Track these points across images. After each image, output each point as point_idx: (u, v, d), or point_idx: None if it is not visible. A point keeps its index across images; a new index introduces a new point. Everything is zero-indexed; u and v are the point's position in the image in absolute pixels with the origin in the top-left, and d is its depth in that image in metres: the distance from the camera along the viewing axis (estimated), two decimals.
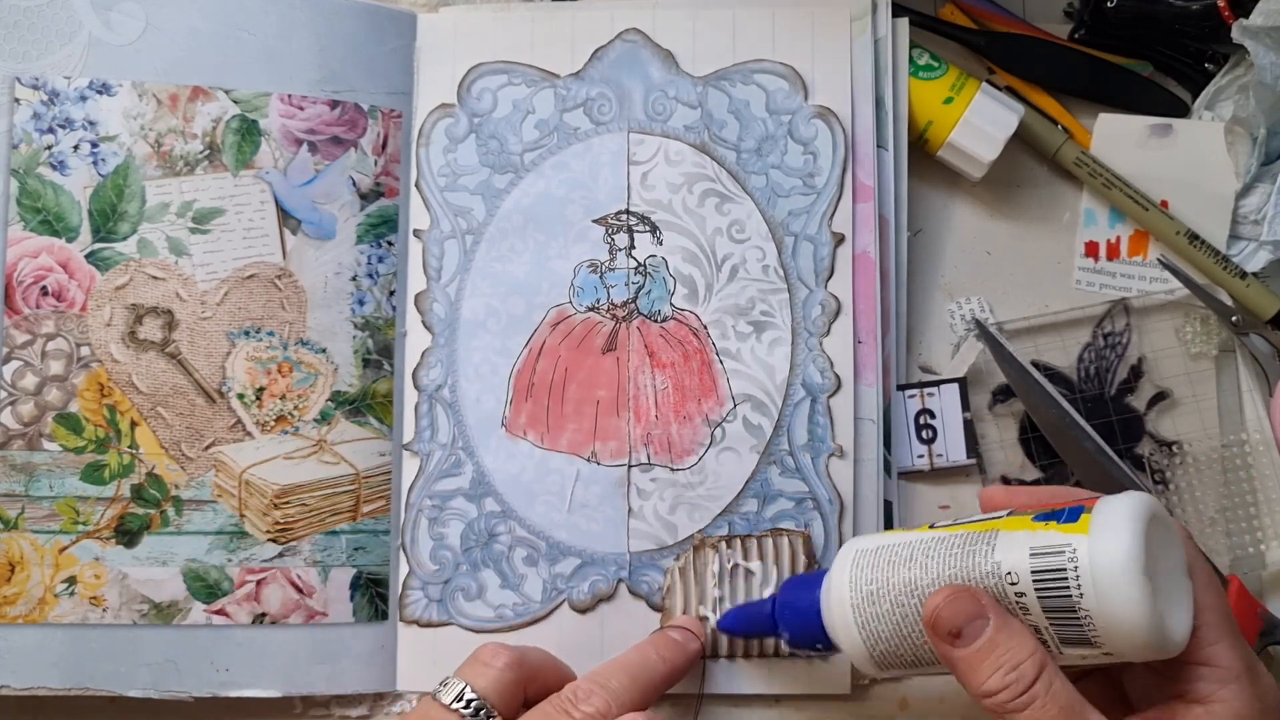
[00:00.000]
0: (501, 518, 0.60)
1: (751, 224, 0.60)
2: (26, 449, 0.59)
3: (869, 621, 0.49)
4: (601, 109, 0.62)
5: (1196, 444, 0.61)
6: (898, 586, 0.48)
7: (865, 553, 0.50)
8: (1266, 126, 0.61)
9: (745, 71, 0.61)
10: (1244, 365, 0.62)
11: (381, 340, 0.61)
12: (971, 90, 0.61)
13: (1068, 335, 0.63)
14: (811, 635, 0.52)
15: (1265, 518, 0.60)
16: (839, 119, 0.60)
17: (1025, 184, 0.65)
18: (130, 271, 0.60)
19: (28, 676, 0.58)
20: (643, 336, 0.61)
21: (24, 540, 0.58)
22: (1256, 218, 0.63)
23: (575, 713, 0.50)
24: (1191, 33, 0.64)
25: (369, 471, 0.61)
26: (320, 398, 0.60)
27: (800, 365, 0.60)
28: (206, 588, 0.59)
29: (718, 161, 0.61)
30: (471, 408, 0.61)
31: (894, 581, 0.48)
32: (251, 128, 0.60)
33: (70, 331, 0.59)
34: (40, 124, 0.59)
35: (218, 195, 0.60)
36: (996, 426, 0.62)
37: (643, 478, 0.60)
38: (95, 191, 0.59)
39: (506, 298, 0.61)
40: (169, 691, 0.58)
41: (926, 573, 0.47)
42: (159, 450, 0.59)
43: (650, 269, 0.61)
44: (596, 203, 0.61)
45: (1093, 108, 0.64)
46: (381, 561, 0.60)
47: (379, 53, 0.62)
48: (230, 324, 0.60)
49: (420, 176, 0.62)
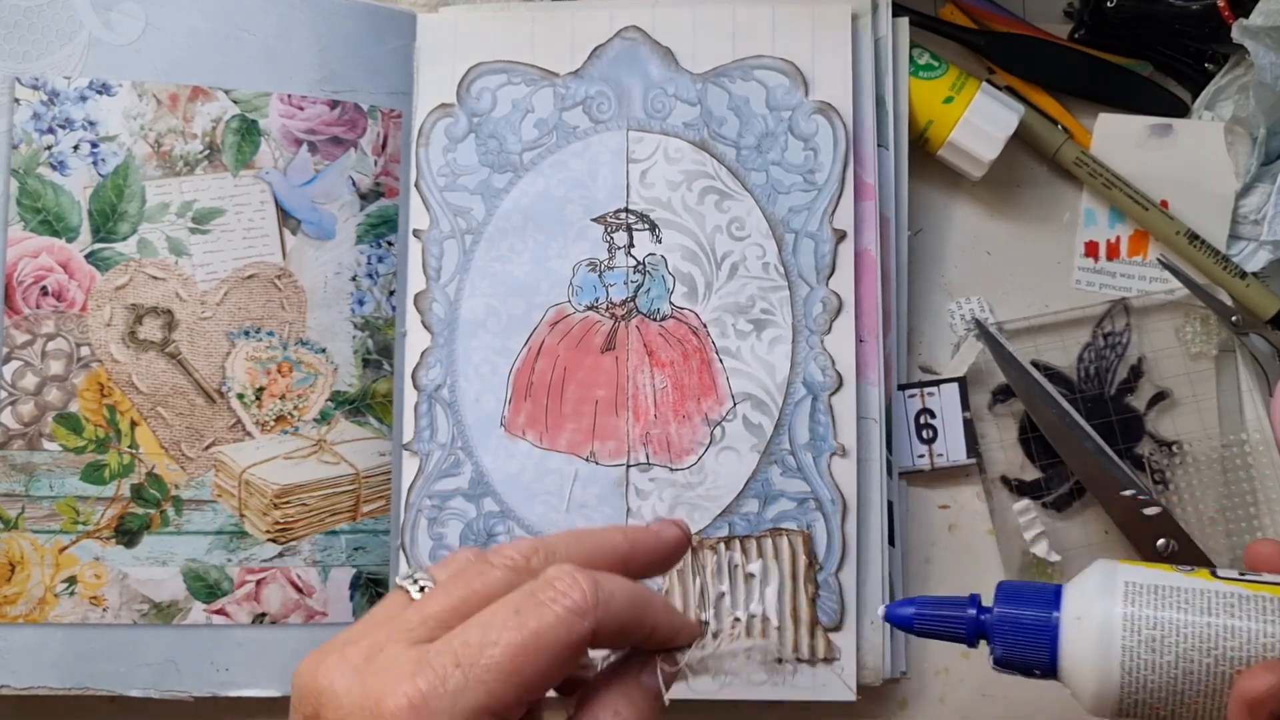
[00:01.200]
0: (500, 518, 0.60)
1: (751, 221, 0.60)
2: (27, 449, 0.59)
3: (1139, 669, 0.43)
4: (600, 107, 0.62)
5: (1196, 444, 0.61)
6: (1189, 639, 0.43)
7: (1141, 589, 0.44)
8: (1266, 126, 0.61)
9: (745, 68, 0.61)
10: (1244, 365, 0.62)
11: (381, 340, 0.61)
12: (971, 90, 0.61)
13: (1068, 335, 0.62)
14: (1035, 660, 0.46)
15: (1265, 517, 0.60)
16: (839, 114, 0.60)
17: (1025, 184, 0.65)
18: (130, 271, 0.60)
19: (28, 676, 0.58)
20: (642, 335, 0.61)
21: (24, 540, 0.58)
22: (1256, 217, 0.62)
23: (494, 559, 0.40)
24: (1191, 33, 0.63)
25: (369, 471, 0.61)
26: (320, 398, 0.60)
27: (801, 363, 0.59)
28: (206, 588, 0.59)
29: (717, 159, 0.61)
30: (471, 407, 0.61)
31: (1185, 633, 0.43)
32: (251, 128, 0.60)
33: (70, 331, 0.59)
34: (40, 124, 0.59)
35: (218, 195, 0.60)
36: (996, 426, 0.62)
37: (641, 478, 0.60)
38: (95, 191, 0.60)
39: (506, 297, 0.61)
40: (169, 691, 0.58)
41: (1234, 635, 0.42)
42: (159, 450, 0.59)
43: (649, 267, 0.61)
44: (595, 201, 0.61)
45: (1093, 108, 0.64)
46: (381, 561, 0.60)
47: (379, 53, 0.62)
48: (230, 324, 0.60)
49: (420, 176, 0.62)
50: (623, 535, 0.43)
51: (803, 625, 0.58)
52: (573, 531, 0.42)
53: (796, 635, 0.58)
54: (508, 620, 0.37)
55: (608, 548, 0.42)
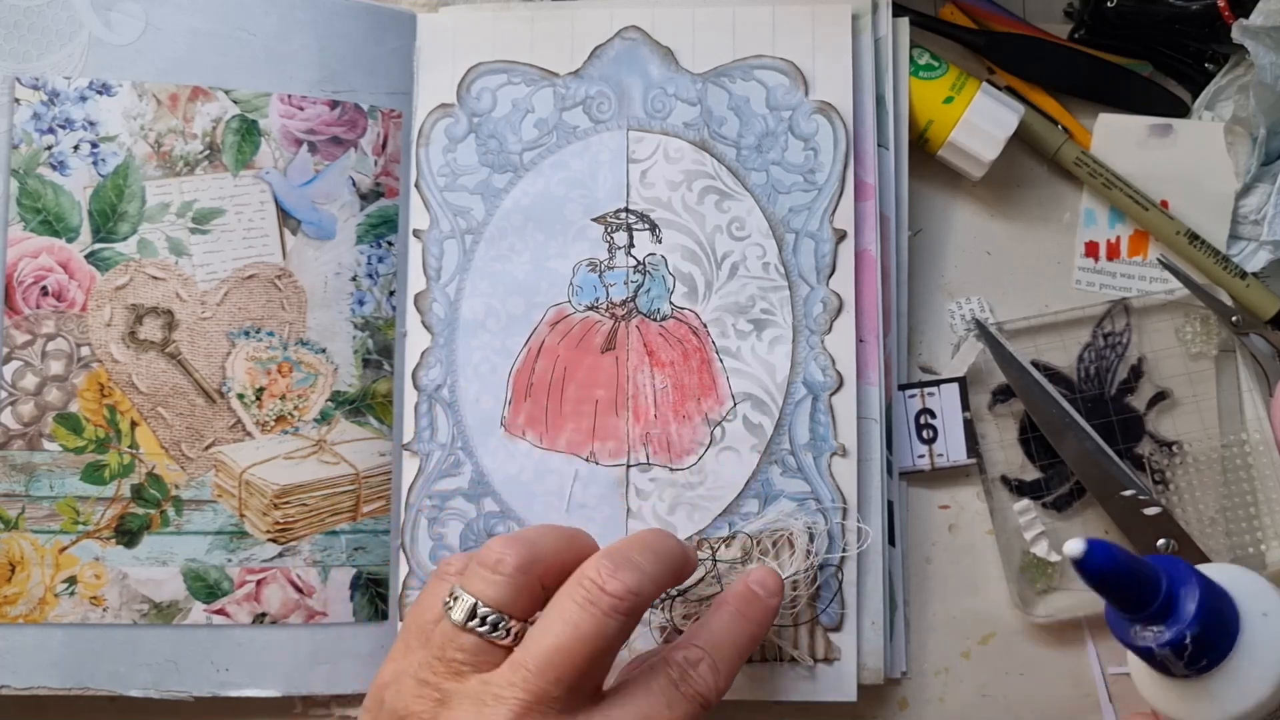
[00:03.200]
0: (500, 518, 0.60)
1: (751, 221, 0.60)
2: (27, 449, 0.59)
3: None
4: (601, 107, 0.62)
5: (1196, 444, 0.61)
6: None
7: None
8: (1266, 126, 0.61)
9: (745, 68, 0.61)
10: (1244, 365, 0.62)
11: (381, 340, 0.61)
12: (972, 90, 0.61)
13: (1068, 335, 0.62)
14: (1220, 649, 0.45)
15: (1265, 518, 0.60)
16: (840, 114, 0.60)
17: (1025, 184, 0.65)
18: (130, 272, 0.60)
19: (28, 676, 0.58)
20: (642, 335, 0.61)
21: (24, 540, 0.58)
22: (1256, 218, 0.62)
23: (605, 590, 0.45)
24: (1191, 33, 0.64)
25: (369, 471, 0.61)
26: (320, 398, 0.60)
27: (801, 363, 0.59)
28: (206, 588, 0.59)
29: (717, 158, 0.61)
30: (471, 407, 0.61)
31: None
32: (251, 128, 0.60)
33: (70, 331, 0.59)
34: (40, 124, 0.59)
35: (218, 195, 0.60)
36: (996, 426, 0.62)
37: (641, 478, 0.60)
38: (95, 192, 0.60)
39: (506, 297, 0.61)
40: (169, 691, 0.58)
41: None
42: (159, 450, 0.59)
43: (649, 267, 0.61)
44: (596, 201, 0.61)
45: (1093, 108, 0.64)
46: (381, 561, 0.60)
47: (379, 53, 0.62)
48: (230, 324, 0.60)
49: (420, 176, 0.62)
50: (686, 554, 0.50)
51: (803, 625, 0.58)
52: (648, 545, 0.48)
53: (796, 635, 0.58)
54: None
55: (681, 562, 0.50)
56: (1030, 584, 0.61)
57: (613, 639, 0.46)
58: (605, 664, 0.47)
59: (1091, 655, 0.60)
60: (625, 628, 0.46)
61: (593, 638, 0.45)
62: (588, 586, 0.45)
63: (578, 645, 0.45)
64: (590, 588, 0.45)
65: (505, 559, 0.47)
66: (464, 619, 0.46)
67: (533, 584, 0.47)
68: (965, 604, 0.61)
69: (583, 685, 0.45)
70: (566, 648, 0.44)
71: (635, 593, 0.45)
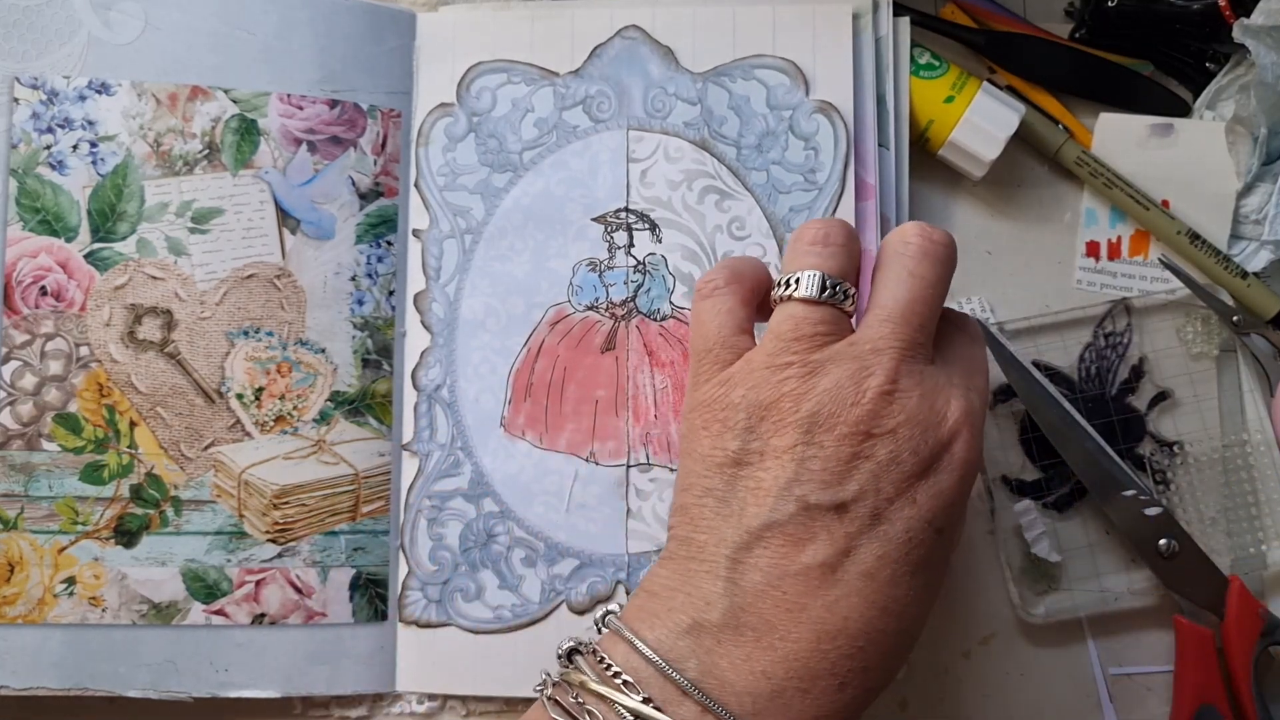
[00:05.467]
0: (500, 518, 0.60)
1: (752, 221, 0.60)
2: (26, 449, 0.59)
3: None
4: (601, 106, 0.62)
5: (1197, 444, 0.61)
6: None
7: None
8: (1267, 126, 0.61)
9: (745, 67, 0.61)
10: (1245, 365, 0.61)
11: (381, 340, 0.61)
12: (972, 89, 0.61)
13: (1068, 335, 0.62)
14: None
15: (1266, 518, 0.60)
16: (840, 114, 0.60)
17: (1026, 183, 0.65)
18: (129, 271, 0.60)
19: (27, 676, 0.58)
20: (642, 335, 0.60)
21: (23, 540, 0.58)
22: (1257, 217, 0.62)
23: (933, 239, 0.49)
24: (1192, 32, 0.63)
25: (368, 471, 0.60)
26: (319, 398, 0.60)
27: None
28: (206, 588, 0.59)
29: (717, 158, 0.61)
30: (470, 407, 0.61)
31: None
32: (251, 127, 0.60)
33: (69, 331, 0.59)
34: (39, 124, 0.59)
35: (217, 195, 0.60)
36: (996, 426, 0.62)
37: (641, 478, 0.60)
38: (94, 191, 0.59)
39: (505, 297, 0.61)
40: (168, 692, 0.58)
41: None
42: (158, 450, 0.59)
43: (649, 267, 0.61)
44: (596, 201, 0.61)
45: (1093, 107, 0.64)
46: (381, 562, 0.60)
47: (378, 52, 0.62)
48: (229, 324, 0.60)
49: (419, 176, 0.62)
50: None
51: None
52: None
53: None
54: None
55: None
56: (1031, 584, 0.60)
57: (946, 286, 0.50)
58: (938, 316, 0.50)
59: (1092, 655, 0.60)
60: (951, 275, 0.50)
61: (935, 283, 0.49)
62: (917, 243, 0.49)
63: (929, 292, 0.48)
64: (920, 242, 0.49)
65: (830, 232, 0.50)
66: (817, 292, 0.48)
67: (855, 254, 0.50)
68: (965, 604, 0.61)
69: (932, 335, 0.49)
70: (922, 296, 0.48)
71: (953, 240, 0.49)
